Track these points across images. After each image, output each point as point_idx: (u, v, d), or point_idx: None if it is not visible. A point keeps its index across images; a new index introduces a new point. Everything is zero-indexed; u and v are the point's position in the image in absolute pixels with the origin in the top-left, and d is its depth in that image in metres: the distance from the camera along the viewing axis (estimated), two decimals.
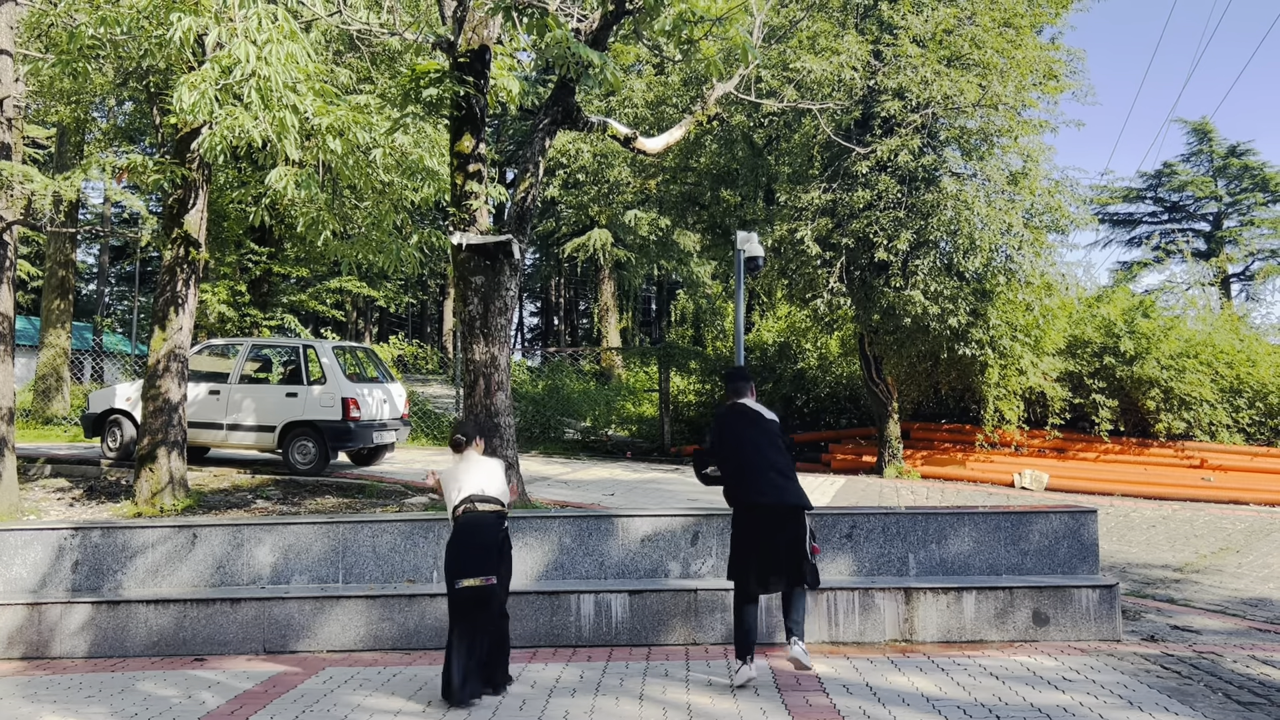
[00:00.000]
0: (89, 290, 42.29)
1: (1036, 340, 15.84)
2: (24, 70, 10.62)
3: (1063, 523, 7.50)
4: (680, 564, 7.48)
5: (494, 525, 5.69)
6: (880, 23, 15.23)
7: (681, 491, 12.62)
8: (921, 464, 16.81)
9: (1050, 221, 14.92)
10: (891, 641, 6.99)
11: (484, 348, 8.63)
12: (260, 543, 7.50)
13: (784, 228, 15.17)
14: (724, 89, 10.25)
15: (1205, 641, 6.96)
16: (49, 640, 7.09)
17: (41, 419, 19.67)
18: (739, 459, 6.03)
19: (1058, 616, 7.01)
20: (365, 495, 11.44)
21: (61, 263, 20.73)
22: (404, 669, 6.43)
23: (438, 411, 20.46)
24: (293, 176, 7.69)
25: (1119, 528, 12.41)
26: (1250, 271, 36.39)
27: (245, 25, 6.86)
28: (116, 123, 19.64)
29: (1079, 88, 15.59)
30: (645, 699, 5.59)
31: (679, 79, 16.72)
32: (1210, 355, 16.46)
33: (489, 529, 5.66)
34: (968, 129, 14.85)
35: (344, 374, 12.97)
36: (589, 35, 8.58)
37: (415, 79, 8.60)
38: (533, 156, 8.93)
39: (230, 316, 19.50)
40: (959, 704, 5.35)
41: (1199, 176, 36.83)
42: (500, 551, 5.69)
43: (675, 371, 20.87)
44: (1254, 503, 14.46)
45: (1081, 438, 16.84)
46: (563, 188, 20.75)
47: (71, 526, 7.56)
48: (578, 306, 49.56)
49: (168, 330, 10.58)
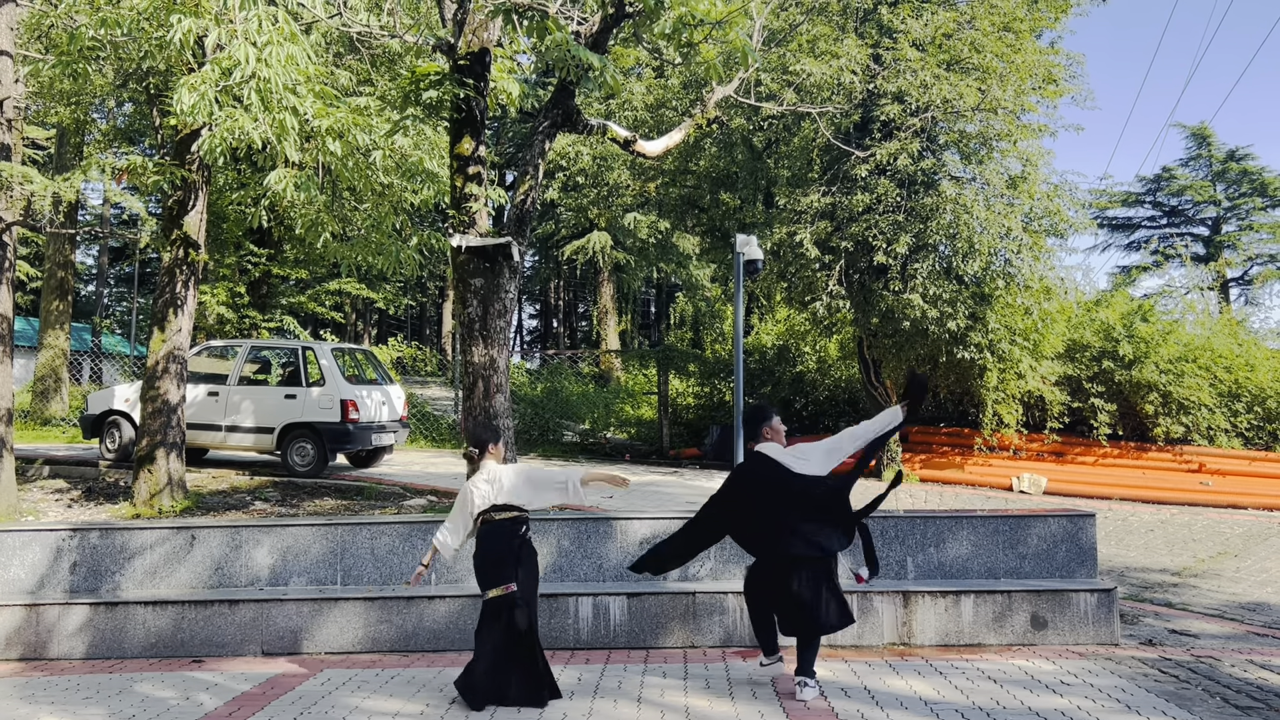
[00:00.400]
0: (88, 291, 42.27)
1: (1035, 344, 15.86)
2: (24, 71, 10.62)
3: (1061, 526, 7.50)
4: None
5: (510, 533, 5.64)
6: (880, 26, 15.25)
7: (680, 494, 12.62)
8: (920, 467, 16.81)
9: (1049, 225, 14.94)
10: (889, 645, 6.99)
11: (483, 350, 8.63)
12: (259, 544, 7.49)
13: (783, 231, 15.19)
14: (724, 92, 10.26)
15: (1203, 646, 6.96)
16: (47, 641, 7.08)
17: (40, 420, 19.67)
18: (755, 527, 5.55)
19: (1056, 620, 7.01)
20: (364, 497, 11.44)
21: (60, 264, 20.73)
22: (402, 671, 6.42)
23: (437, 414, 20.46)
24: (292, 178, 7.69)
25: (1117, 532, 12.41)
26: (1249, 276, 36.43)
27: (245, 27, 6.86)
28: (116, 124, 19.65)
29: (1078, 92, 15.63)
30: (643, 701, 5.59)
31: (679, 82, 16.74)
32: (1209, 360, 16.46)
33: (505, 537, 5.62)
34: (967, 133, 14.87)
35: (343, 376, 12.97)
36: (589, 38, 8.58)
37: (415, 81, 8.60)
38: (532, 159, 8.93)
39: (229, 318, 19.51)
40: (957, 708, 5.35)
41: (1198, 181, 36.87)
42: (518, 558, 5.61)
43: (674, 374, 20.88)
44: (1252, 507, 14.46)
45: (1080, 441, 16.84)
46: (562, 190, 20.78)
47: (70, 528, 7.55)
48: (577, 309, 49.57)
49: (167, 332, 10.58)
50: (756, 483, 5.62)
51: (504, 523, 5.65)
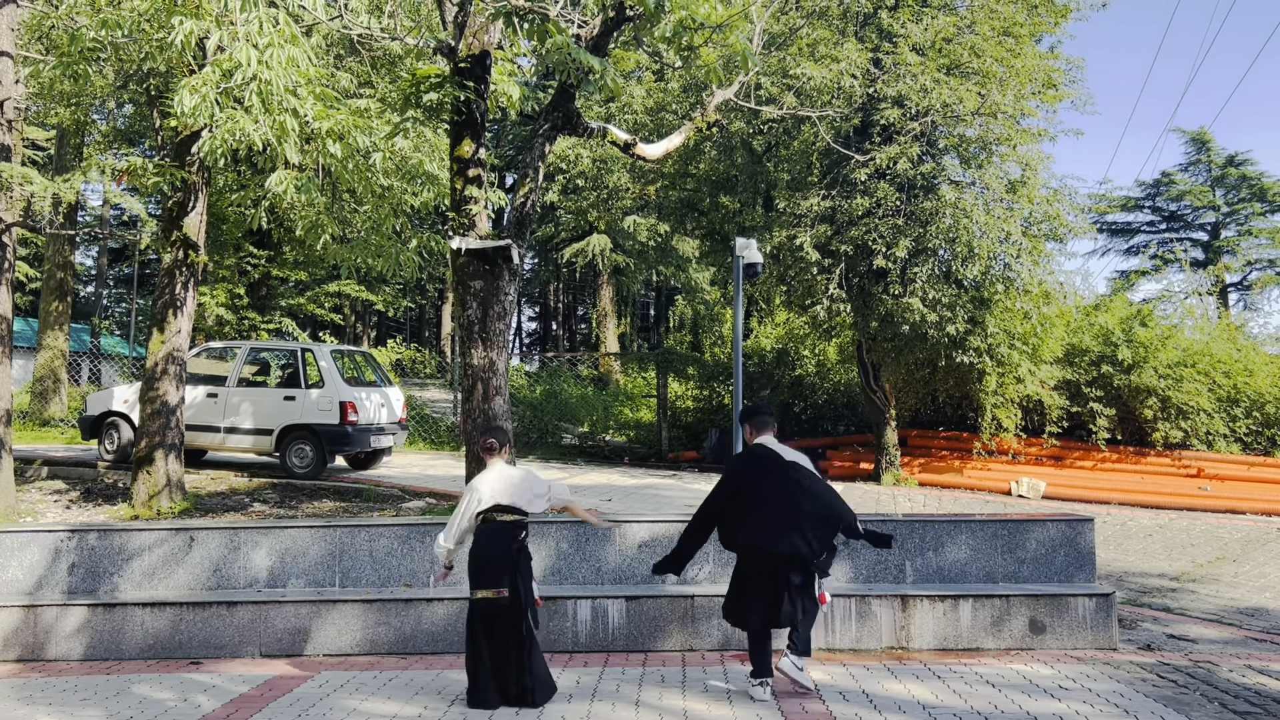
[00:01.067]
0: (87, 292, 42.24)
1: (1034, 348, 15.86)
2: (24, 72, 10.63)
3: (1059, 531, 7.50)
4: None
5: (509, 536, 5.63)
6: (880, 31, 15.27)
7: (679, 498, 12.61)
8: (919, 471, 16.81)
9: (1049, 230, 14.96)
10: (888, 649, 6.99)
11: (482, 352, 8.63)
12: (257, 546, 7.49)
13: (783, 234, 15.20)
14: (724, 96, 10.26)
15: (1201, 650, 6.96)
16: (45, 642, 7.08)
17: (39, 421, 19.66)
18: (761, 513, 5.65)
19: (1054, 625, 7.01)
20: (362, 499, 11.44)
21: (60, 265, 20.73)
22: (400, 673, 6.42)
23: (436, 416, 20.46)
24: (292, 180, 7.70)
25: (1116, 536, 12.41)
26: (1248, 281, 36.43)
27: (247, 29, 6.87)
28: (116, 125, 19.66)
29: (1078, 96, 15.65)
30: (641, 705, 5.59)
31: (679, 85, 16.76)
32: (1208, 364, 16.47)
33: (503, 540, 5.61)
34: (966, 137, 14.89)
35: (342, 378, 12.97)
36: (589, 41, 8.59)
37: (416, 84, 8.61)
38: (532, 162, 8.94)
39: (228, 319, 19.50)
40: (955, 712, 5.35)
41: (1197, 186, 36.88)
42: (515, 563, 5.58)
43: (673, 377, 20.87)
44: (1251, 512, 14.46)
45: (1079, 446, 16.85)
46: (562, 193, 20.79)
47: (68, 529, 7.55)
48: (576, 312, 49.54)
49: (166, 333, 10.58)
50: (759, 467, 5.81)
51: (505, 524, 5.65)
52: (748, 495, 5.74)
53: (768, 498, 5.67)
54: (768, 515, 5.64)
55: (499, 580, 5.51)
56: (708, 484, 14.60)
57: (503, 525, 5.64)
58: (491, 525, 5.64)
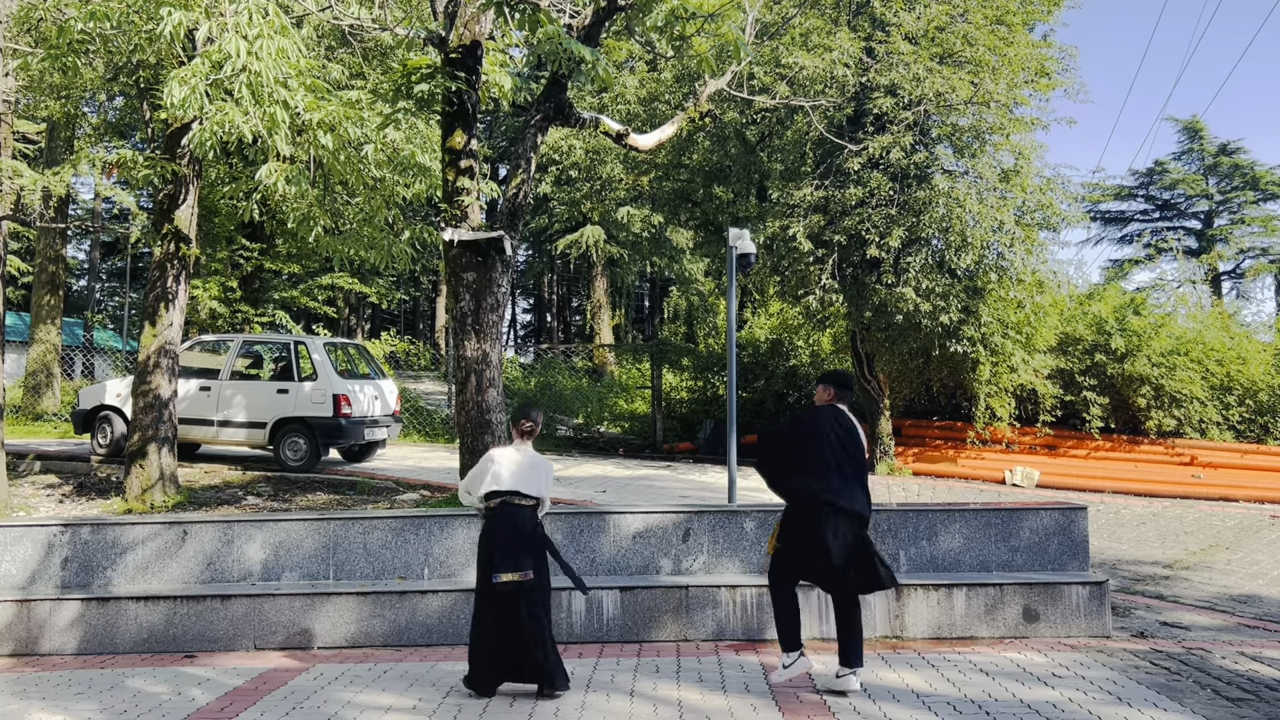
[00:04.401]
0: (79, 286, 42.07)
1: (1028, 337, 15.89)
2: (13, 65, 10.56)
3: (1053, 519, 7.52)
4: (672, 561, 7.48)
5: (529, 517, 5.64)
6: (872, 19, 15.24)
7: (673, 489, 12.62)
8: (913, 461, 16.85)
9: (1042, 219, 14.97)
10: (882, 638, 7.01)
11: (476, 344, 8.62)
12: (251, 539, 7.48)
13: (776, 224, 15.18)
14: (716, 86, 10.24)
15: (1194, 638, 6.99)
16: (38, 637, 7.06)
17: (31, 415, 19.61)
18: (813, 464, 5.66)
19: (1048, 613, 7.04)
20: (356, 492, 11.43)
21: (52, 258, 20.66)
22: (394, 665, 6.42)
23: (430, 408, 20.45)
24: (284, 172, 7.67)
25: (1109, 524, 12.45)
26: (1240, 269, 36.52)
27: (236, 20, 6.83)
28: (107, 118, 19.57)
29: (1071, 85, 15.63)
30: (636, 695, 5.59)
31: (671, 75, 16.72)
32: (1201, 353, 16.51)
33: (525, 522, 5.61)
34: (960, 126, 14.88)
35: (335, 370, 12.95)
36: (581, 31, 8.56)
37: (407, 74, 8.57)
38: (525, 153, 8.91)
39: (221, 313, 19.43)
40: (949, 700, 5.37)
41: (1190, 175, 36.93)
42: (540, 543, 5.63)
43: (668, 368, 20.88)
44: (1244, 500, 14.52)
45: (1072, 435, 16.89)
46: (555, 184, 20.77)
47: (61, 523, 7.53)
48: (570, 303, 49.50)
49: (158, 326, 10.55)
50: (829, 424, 5.79)
51: (524, 507, 5.64)
52: (808, 446, 5.74)
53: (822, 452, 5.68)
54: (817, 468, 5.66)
55: (522, 563, 5.50)
56: (702, 475, 14.62)
57: (521, 508, 5.64)
58: (511, 507, 5.61)
